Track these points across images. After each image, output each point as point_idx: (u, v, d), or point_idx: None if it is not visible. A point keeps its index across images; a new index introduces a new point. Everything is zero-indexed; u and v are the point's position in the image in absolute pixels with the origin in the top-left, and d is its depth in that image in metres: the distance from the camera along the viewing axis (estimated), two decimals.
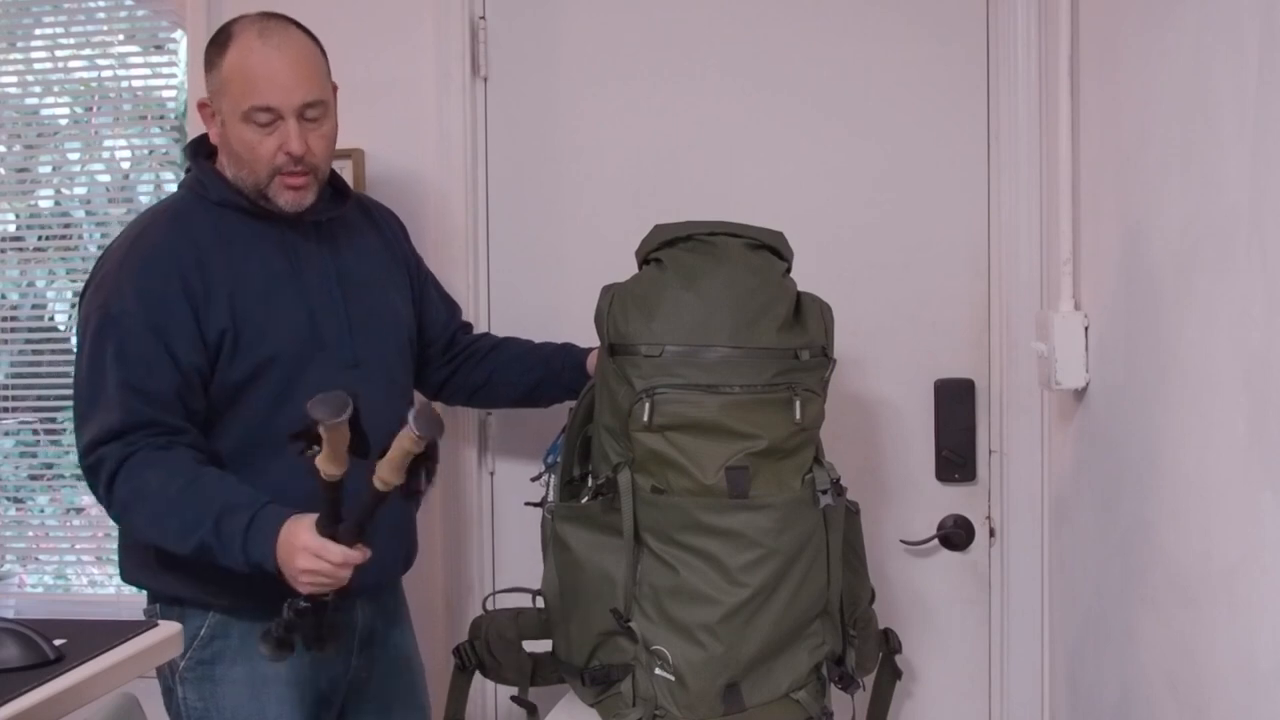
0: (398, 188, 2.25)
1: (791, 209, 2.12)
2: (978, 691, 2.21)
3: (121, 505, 1.70)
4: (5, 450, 2.64)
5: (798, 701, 1.73)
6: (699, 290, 1.68)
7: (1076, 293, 1.87)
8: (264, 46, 1.75)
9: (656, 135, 2.24)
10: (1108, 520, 1.72)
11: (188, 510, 1.66)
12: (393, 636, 1.96)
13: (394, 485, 1.55)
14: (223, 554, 1.65)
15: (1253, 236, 1.15)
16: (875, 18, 2.18)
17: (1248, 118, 1.16)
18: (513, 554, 2.28)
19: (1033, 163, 2.10)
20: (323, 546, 1.58)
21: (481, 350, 2.10)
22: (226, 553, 1.64)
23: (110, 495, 1.70)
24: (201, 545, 1.65)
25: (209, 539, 1.64)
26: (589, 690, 1.76)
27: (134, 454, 1.68)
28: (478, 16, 2.27)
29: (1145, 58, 1.53)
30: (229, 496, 1.66)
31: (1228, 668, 1.24)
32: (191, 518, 1.65)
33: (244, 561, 1.64)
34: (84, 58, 2.56)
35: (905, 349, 2.20)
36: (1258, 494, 1.14)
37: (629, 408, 1.67)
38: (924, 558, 2.22)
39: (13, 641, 1.36)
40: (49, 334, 2.63)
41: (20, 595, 2.65)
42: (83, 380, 1.73)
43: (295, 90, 1.74)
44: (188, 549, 1.67)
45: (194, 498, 1.66)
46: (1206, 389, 1.29)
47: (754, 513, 1.66)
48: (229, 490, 1.68)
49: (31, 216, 2.61)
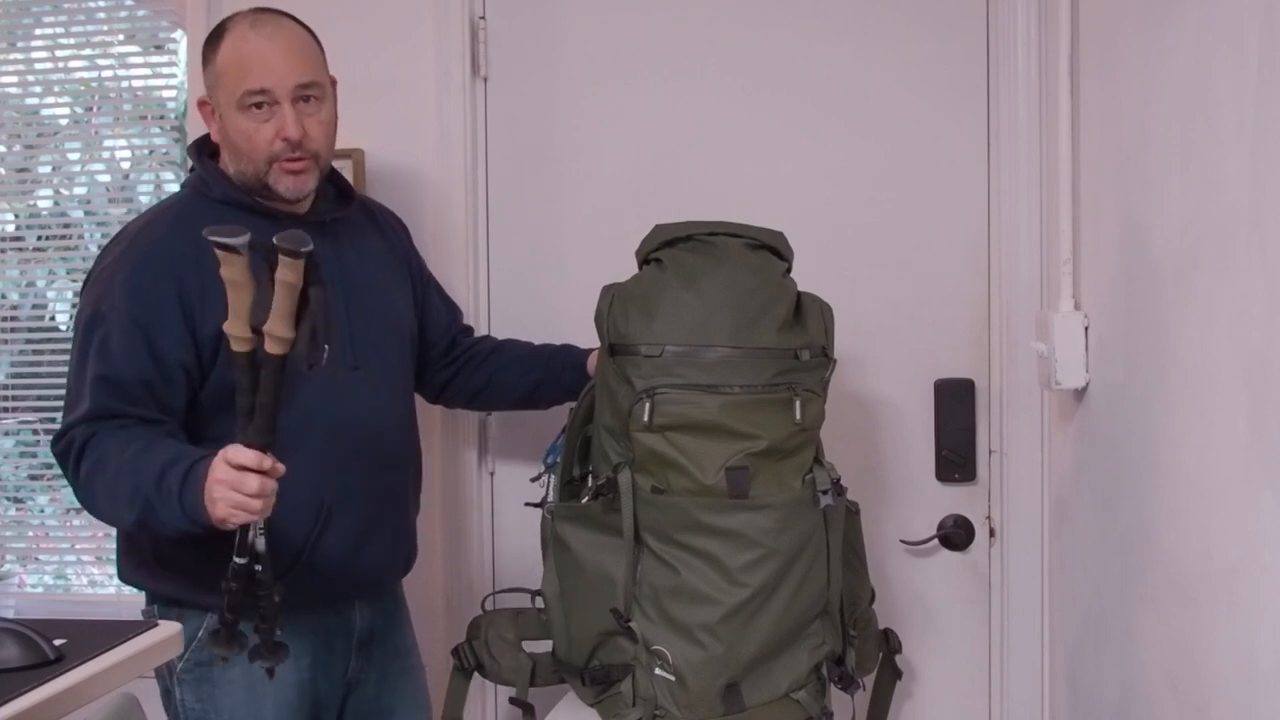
0: (398, 187, 2.25)
1: (791, 209, 2.12)
2: (978, 691, 2.21)
3: (85, 483, 1.67)
4: (5, 450, 2.64)
5: (798, 701, 1.73)
6: (699, 290, 1.68)
7: (1076, 293, 1.87)
8: (256, 36, 1.75)
9: (656, 135, 2.24)
10: (1108, 520, 1.72)
11: (137, 473, 1.61)
12: (392, 637, 1.96)
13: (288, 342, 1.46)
14: (163, 509, 1.58)
15: (1253, 236, 1.15)
16: (875, 17, 2.18)
17: (1248, 117, 1.16)
18: (513, 554, 2.28)
19: (1033, 162, 2.10)
20: (233, 450, 1.50)
21: (482, 353, 2.10)
22: (166, 506, 1.58)
23: (77, 475, 1.67)
24: (146, 505, 1.59)
25: (152, 496, 1.58)
26: (589, 690, 1.76)
27: (98, 432, 1.66)
28: (478, 16, 2.27)
29: (1145, 57, 1.53)
30: (174, 453, 1.61)
31: (1228, 667, 1.24)
32: (140, 479, 1.60)
33: (180, 512, 1.56)
34: (84, 58, 2.56)
35: (905, 349, 2.20)
36: (1258, 493, 1.14)
37: (629, 408, 1.67)
38: (924, 558, 2.22)
39: (13, 641, 1.36)
40: (49, 334, 2.63)
41: (20, 595, 2.65)
42: (71, 374, 1.73)
43: (288, 73, 1.74)
44: (135, 514, 1.61)
45: (142, 461, 1.61)
46: (1206, 388, 1.29)
47: (754, 513, 1.66)
48: (176, 449, 1.63)
49: (31, 216, 2.61)
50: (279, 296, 1.45)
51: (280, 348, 1.47)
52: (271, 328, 1.46)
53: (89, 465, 1.66)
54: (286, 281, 1.44)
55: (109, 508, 1.68)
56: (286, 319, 1.45)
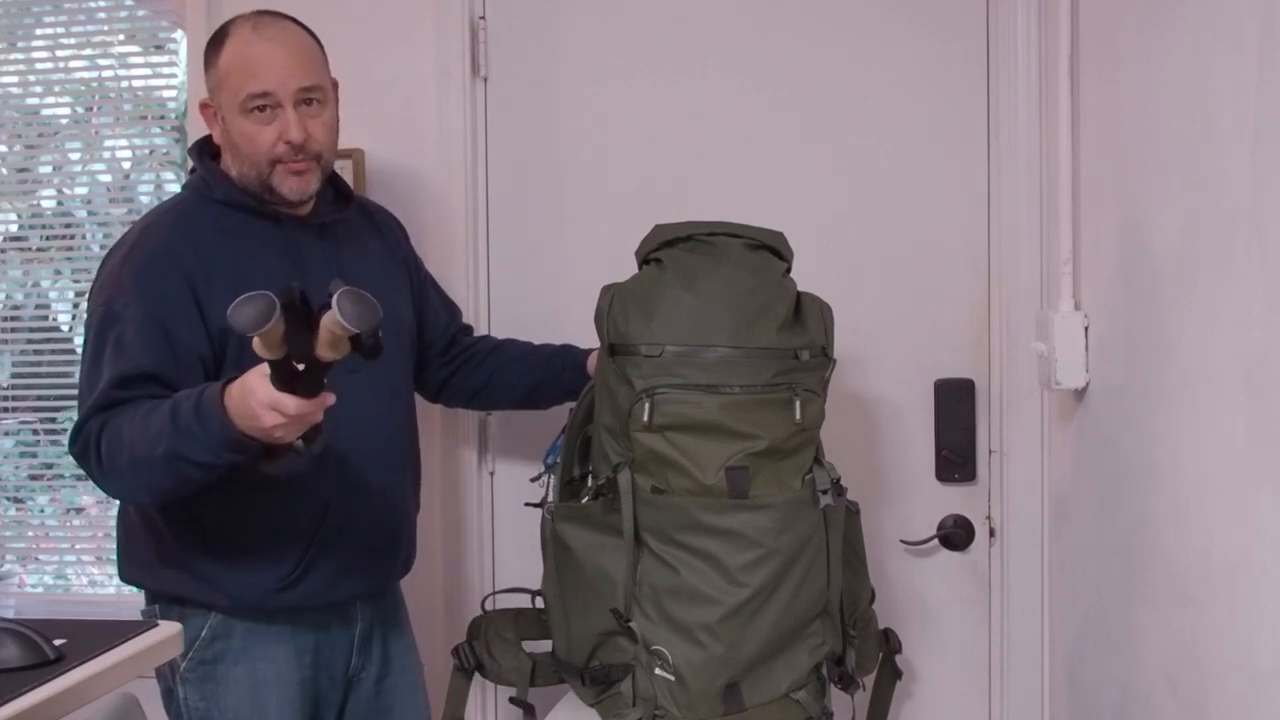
0: (398, 188, 2.25)
1: (791, 209, 2.12)
2: (978, 691, 2.21)
3: (109, 466, 1.64)
4: (5, 450, 2.64)
5: (798, 701, 1.73)
6: (699, 290, 1.68)
7: (1076, 293, 1.87)
8: (259, 38, 1.76)
9: (656, 135, 2.24)
10: (1108, 520, 1.72)
11: (151, 428, 1.59)
12: (391, 637, 1.96)
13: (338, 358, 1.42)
14: (187, 447, 1.55)
15: (1253, 236, 1.15)
16: (875, 17, 2.18)
17: (1248, 118, 1.16)
18: (513, 554, 2.28)
19: (1033, 163, 2.10)
20: (278, 399, 1.45)
21: (481, 352, 2.10)
22: (190, 443, 1.54)
23: (100, 465, 1.65)
24: (169, 452, 1.56)
25: (174, 441, 1.56)
26: (589, 690, 1.76)
27: (109, 419, 1.65)
28: (478, 16, 2.27)
29: (1145, 58, 1.53)
30: (179, 397, 1.59)
31: (1228, 667, 1.24)
32: (155, 431, 1.58)
33: (207, 443, 1.53)
34: (84, 58, 2.56)
35: (905, 349, 2.20)
36: (1258, 493, 1.14)
37: (629, 408, 1.67)
38: (924, 558, 2.22)
39: (13, 641, 1.36)
40: (50, 334, 2.63)
41: (20, 595, 2.65)
42: (84, 373, 1.73)
43: (291, 76, 1.74)
44: (162, 469, 1.58)
45: (156, 414, 1.59)
46: (1206, 389, 1.29)
47: (754, 513, 1.66)
48: (181, 394, 1.61)
49: (34, 216, 2.61)
50: (325, 337, 1.39)
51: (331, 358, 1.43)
52: (322, 352, 1.42)
53: (107, 448, 1.64)
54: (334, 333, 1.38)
55: (138, 476, 1.64)
56: (336, 348, 1.41)
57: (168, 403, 1.60)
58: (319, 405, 1.48)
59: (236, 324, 1.32)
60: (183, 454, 1.56)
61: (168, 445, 1.56)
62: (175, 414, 1.57)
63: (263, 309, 1.32)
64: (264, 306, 1.32)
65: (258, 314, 1.32)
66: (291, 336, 1.38)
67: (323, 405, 1.48)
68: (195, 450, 1.56)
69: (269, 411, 1.46)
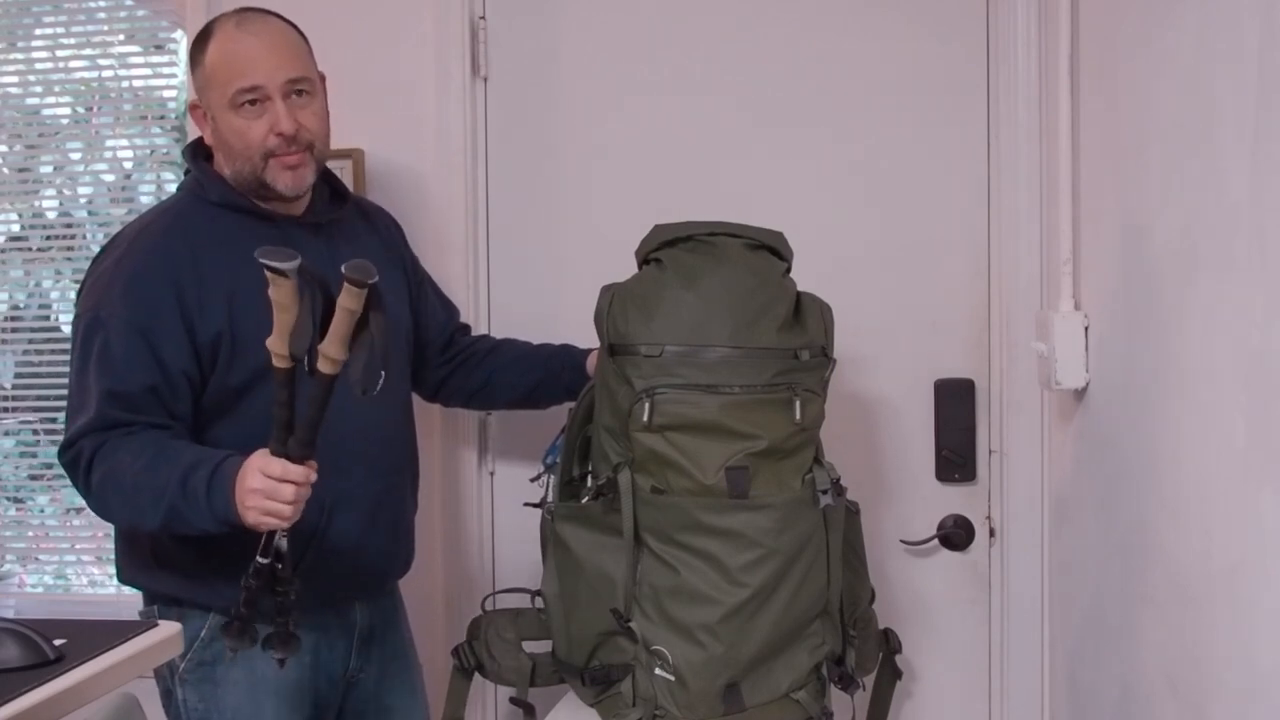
0: (398, 188, 2.25)
1: (791, 209, 2.12)
2: (978, 691, 2.21)
3: (99, 491, 1.67)
4: (5, 450, 2.64)
5: (798, 701, 1.73)
6: (699, 290, 1.68)
7: (1076, 293, 1.87)
8: (243, 34, 1.76)
9: (656, 134, 2.24)
10: (1108, 520, 1.72)
11: (156, 477, 1.62)
12: (391, 637, 1.96)
13: (341, 364, 1.48)
14: (190, 512, 1.60)
15: (1253, 236, 1.15)
16: (875, 17, 2.18)
17: (1248, 118, 1.16)
18: (513, 554, 2.28)
19: (1033, 163, 2.10)
20: (268, 462, 1.53)
21: (480, 352, 2.10)
22: (194, 510, 1.59)
23: (89, 485, 1.68)
24: (171, 510, 1.60)
25: (177, 501, 1.60)
26: (589, 690, 1.76)
27: (107, 441, 1.66)
28: (478, 16, 2.27)
29: (1145, 58, 1.53)
30: (196, 456, 1.63)
31: (1228, 667, 1.24)
32: (160, 483, 1.61)
33: (209, 515, 1.58)
34: (85, 58, 2.56)
35: (905, 349, 2.20)
36: (1258, 494, 1.14)
37: (629, 408, 1.67)
38: (924, 558, 2.22)
39: (13, 641, 1.36)
40: (51, 334, 2.63)
41: (20, 595, 2.65)
42: (72, 380, 1.73)
43: (278, 68, 1.74)
44: (159, 518, 1.62)
45: (162, 464, 1.62)
46: (1206, 389, 1.29)
47: (754, 513, 1.66)
48: (196, 451, 1.65)
49: (35, 217, 2.61)
50: (338, 320, 1.47)
51: (332, 368, 1.50)
52: (326, 349, 1.48)
53: (100, 475, 1.66)
54: (347, 308, 1.46)
55: (127, 515, 1.69)
56: (342, 343, 1.48)
57: (178, 462, 1.62)
58: (305, 476, 1.54)
59: (262, 256, 1.43)
60: (184, 517, 1.61)
61: (170, 505, 1.61)
62: (186, 480, 1.60)
63: (288, 252, 1.45)
64: (289, 251, 1.45)
65: (281, 254, 1.45)
66: (304, 305, 1.47)
67: (309, 477, 1.55)
68: (197, 518, 1.61)
69: (254, 473, 1.53)
